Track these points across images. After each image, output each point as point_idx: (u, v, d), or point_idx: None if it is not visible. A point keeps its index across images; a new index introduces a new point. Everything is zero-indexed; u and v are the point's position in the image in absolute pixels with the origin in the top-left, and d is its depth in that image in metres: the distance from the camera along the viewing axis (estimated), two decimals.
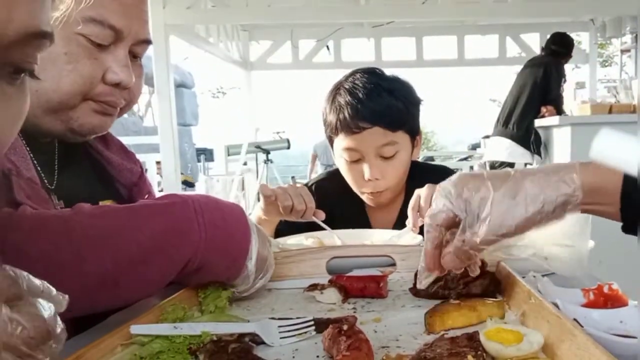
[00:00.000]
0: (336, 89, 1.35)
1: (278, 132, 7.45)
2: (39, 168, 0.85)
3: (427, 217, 0.66)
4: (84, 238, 0.64)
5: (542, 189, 0.60)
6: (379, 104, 1.28)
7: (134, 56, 0.87)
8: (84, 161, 0.96)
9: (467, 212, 0.63)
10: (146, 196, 1.02)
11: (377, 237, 1.21)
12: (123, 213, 0.69)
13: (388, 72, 1.39)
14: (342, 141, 1.32)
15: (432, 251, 0.66)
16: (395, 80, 1.35)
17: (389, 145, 1.29)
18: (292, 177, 7.04)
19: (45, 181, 0.86)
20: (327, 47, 6.89)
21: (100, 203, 0.91)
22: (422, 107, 1.40)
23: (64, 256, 0.62)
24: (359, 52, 7.49)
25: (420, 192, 1.21)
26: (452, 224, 0.65)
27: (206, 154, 8.80)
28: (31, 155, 0.83)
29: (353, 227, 1.26)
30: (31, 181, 0.77)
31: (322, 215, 1.20)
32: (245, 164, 6.89)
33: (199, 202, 0.71)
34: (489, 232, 0.61)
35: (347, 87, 1.32)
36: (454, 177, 0.66)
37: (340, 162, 1.37)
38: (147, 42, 0.87)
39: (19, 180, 0.74)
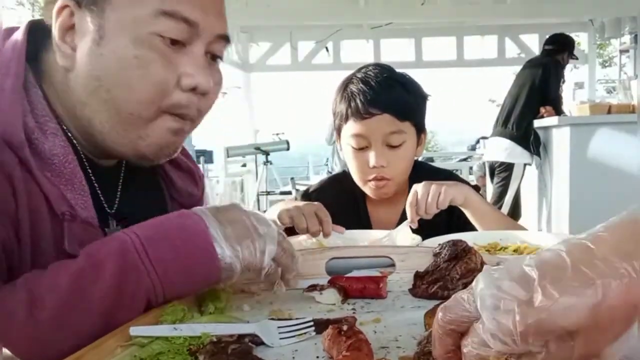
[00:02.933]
0: (348, 80, 1.39)
1: (277, 134, 7.45)
2: (99, 193, 0.81)
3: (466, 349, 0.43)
4: (45, 325, 0.60)
5: None
6: (391, 93, 1.32)
7: (213, 57, 0.80)
8: (148, 183, 0.93)
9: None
10: None
11: (373, 237, 1.22)
12: (69, 287, 0.62)
13: None
14: (350, 127, 1.35)
15: None
16: (406, 76, 1.40)
17: (396, 134, 1.31)
18: (292, 179, 7.03)
19: (105, 205, 0.83)
20: (326, 48, 6.90)
21: None
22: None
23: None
24: (358, 53, 7.50)
25: (417, 188, 1.23)
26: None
27: (205, 156, 8.78)
28: (93, 178, 0.80)
29: (354, 229, 1.26)
30: (87, 224, 0.73)
31: (342, 230, 1.20)
32: (244, 165, 6.89)
33: (141, 238, 0.65)
34: None
35: (359, 76, 1.36)
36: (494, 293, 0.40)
37: (347, 150, 1.38)
38: (226, 38, 0.80)
39: (72, 225, 0.71)
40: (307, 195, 1.48)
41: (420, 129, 1.39)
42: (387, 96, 1.31)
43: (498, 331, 0.40)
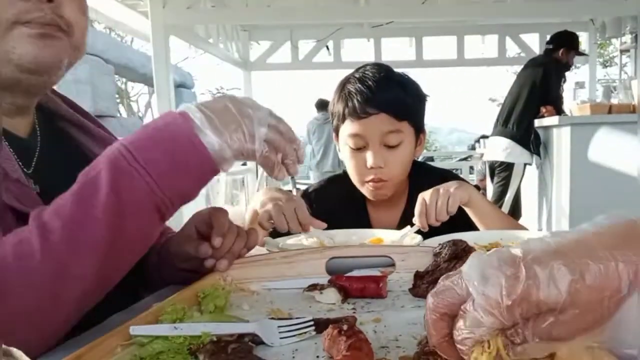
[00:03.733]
0: (346, 80, 1.38)
1: None
2: (19, 161, 0.81)
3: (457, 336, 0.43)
4: (59, 245, 0.63)
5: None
6: (388, 92, 1.31)
7: None
8: (67, 151, 0.93)
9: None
10: None
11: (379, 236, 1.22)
12: (71, 206, 0.65)
13: None
14: (348, 128, 1.34)
15: None
16: (404, 76, 1.39)
17: (394, 133, 1.31)
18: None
19: (24, 169, 0.82)
20: (327, 47, 6.89)
21: None
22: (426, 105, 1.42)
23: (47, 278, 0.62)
24: (359, 52, 7.50)
25: (425, 196, 1.22)
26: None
27: None
28: (11, 150, 0.81)
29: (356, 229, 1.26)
30: (20, 183, 0.75)
31: (322, 225, 1.20)
32: (244, 164, 6.88)
33: (126, 145, 0.67)
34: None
35: (357, 76, 1.36)
36: (485, 271, 0.42)
37: (345, 150, 1.38)
38: None
39: (7, 182, 0.73)
40: (306, 195, 1.48)
41: (418, 129, 1.38)
42: (384, 96, 1.30)
43: (487, 305, 0.41)
